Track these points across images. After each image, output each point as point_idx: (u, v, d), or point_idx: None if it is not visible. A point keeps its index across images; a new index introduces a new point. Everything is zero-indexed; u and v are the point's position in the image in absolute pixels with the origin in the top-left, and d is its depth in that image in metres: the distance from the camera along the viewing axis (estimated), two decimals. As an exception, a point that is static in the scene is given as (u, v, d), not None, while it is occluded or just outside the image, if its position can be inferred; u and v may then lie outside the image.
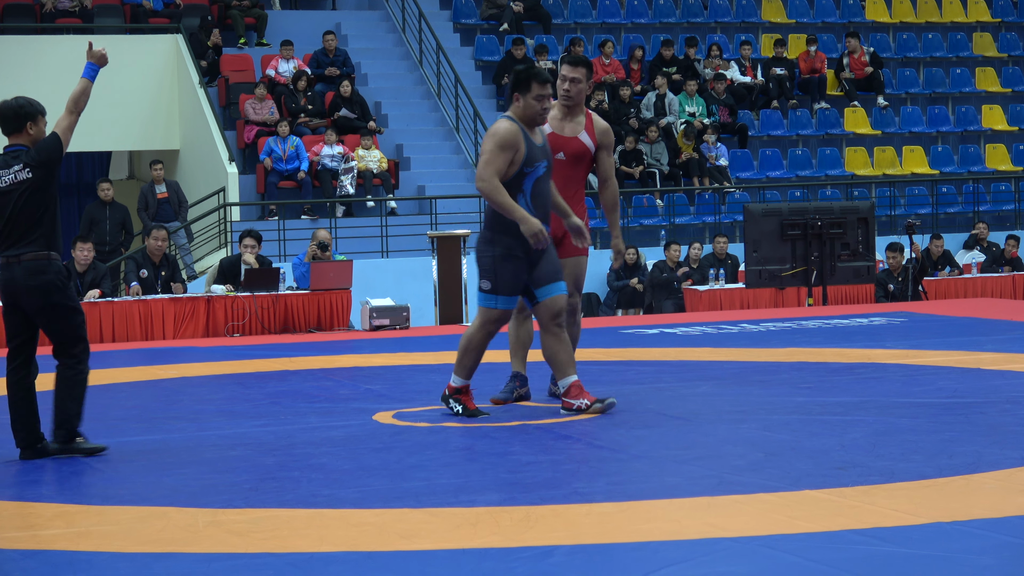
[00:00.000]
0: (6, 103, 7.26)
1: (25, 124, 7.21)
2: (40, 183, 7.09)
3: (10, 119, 7.22)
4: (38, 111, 7.25)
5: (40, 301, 7.09)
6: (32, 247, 7.08)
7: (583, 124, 8.31)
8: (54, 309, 7.10)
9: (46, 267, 7.09)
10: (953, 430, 6.99)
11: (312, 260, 15.77)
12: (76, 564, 4.83)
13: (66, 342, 7.15)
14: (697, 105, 22.88)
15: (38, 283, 7.07)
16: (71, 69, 21.06)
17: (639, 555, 4.68)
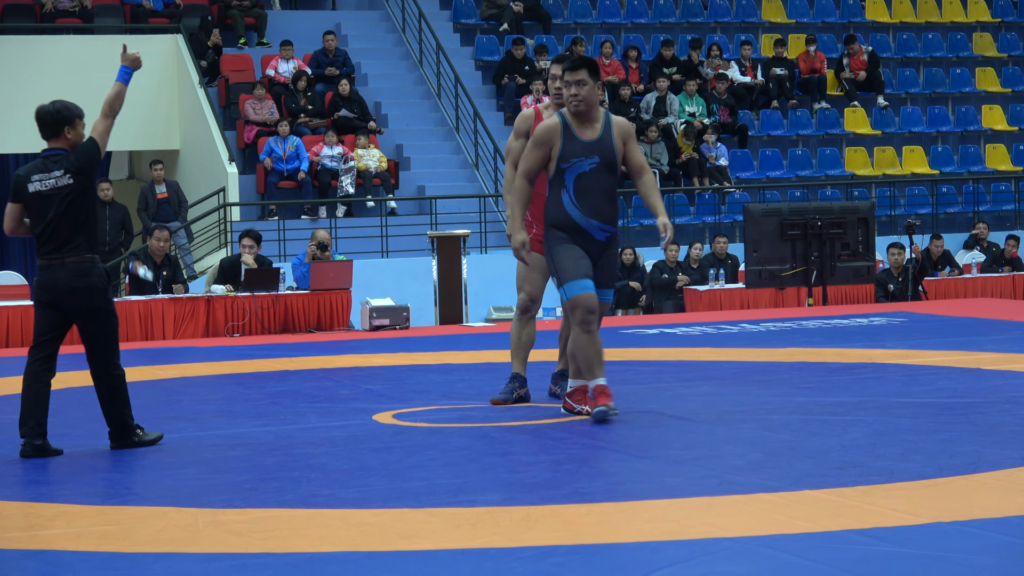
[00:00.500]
0: (44, 107, 7.38)
1: (63, 128, 7.33)
2: (81, 188, 7.23)
3: (48, 123, 7.34)
4: (76, 114, 7.38)
5: (84, 303, 7.23)
6: (76, 250, 7.21)
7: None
8: (97, 312, 7.25)
9: (90, 269, 7.22)
10: (953, 430, 6.99)
11: (312, 260, 15.77)
12: (76, 564, 4.83)
13: (101, 345, 7.31)
14: (697, 105, 22.88)
15: (84, 285, 7.20)
16: (71, 69, 21.20)
17: (639, 555, 4.68)
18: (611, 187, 7.65)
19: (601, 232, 7.64)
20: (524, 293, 8.44)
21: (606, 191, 7.63)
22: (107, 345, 7.31)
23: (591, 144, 7.62)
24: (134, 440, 7.29)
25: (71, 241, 7.20)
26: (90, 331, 7.30)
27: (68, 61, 21.35)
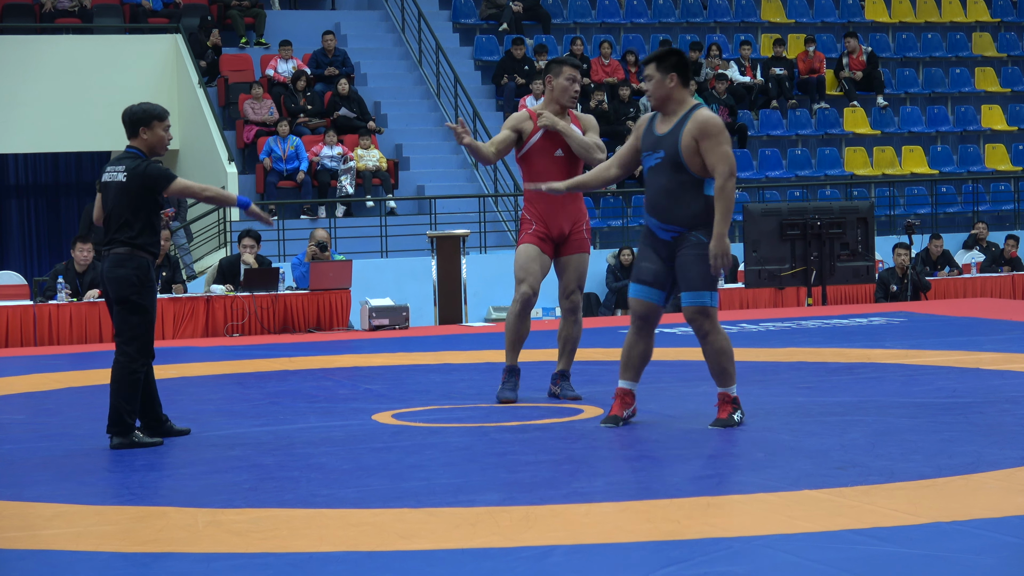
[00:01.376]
0: (128, 108, 7.71)
1: (138, 129, 7.62)
2: (130, 190, 7.45)
3: (127, 123, 7.68)
4: (153, 116, 7.64)
5: (113, 292, 7.42)
6: (121, 243, 7.44)
7: (570, 120, 8.56)
8: (123, 303, 7.41)
9: (126, 261, 7.42)
10: (953, 430, 6.99)
11: (312, 260, 15.77)
12: (75, 564, 4.83)
13: (121, 335, 7.43)
14: (696, 105, 22.86)
15: (116, 275, 7.42)
16: (71, 69, 21.19)
17: (639, 555, 4.68)
18: (675, 185, 7.20)
19: (663, 231, 7.30)
20: (526, 286, 8.48)
21: (668, 189, 7.23)
22: (126, 337, 7.42)
23: (661, 138, 7.27)
24: (131, 440, 7.31)
25: (119, 233, 7.46)
26: (115, 320, 7.48)
27: (68, 61, 21.36)
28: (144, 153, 7.58)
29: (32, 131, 21.41)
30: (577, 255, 8.55)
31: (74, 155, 24.02)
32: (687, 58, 7.48)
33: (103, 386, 10.18)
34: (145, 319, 7.44)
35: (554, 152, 8.45)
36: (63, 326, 14.58)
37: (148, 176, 7.48)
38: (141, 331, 7.43)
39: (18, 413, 9.06)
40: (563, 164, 8.46)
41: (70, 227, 23.43)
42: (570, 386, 8.65)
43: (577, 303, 8.62)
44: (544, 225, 8.50)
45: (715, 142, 7.17)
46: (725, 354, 7.34)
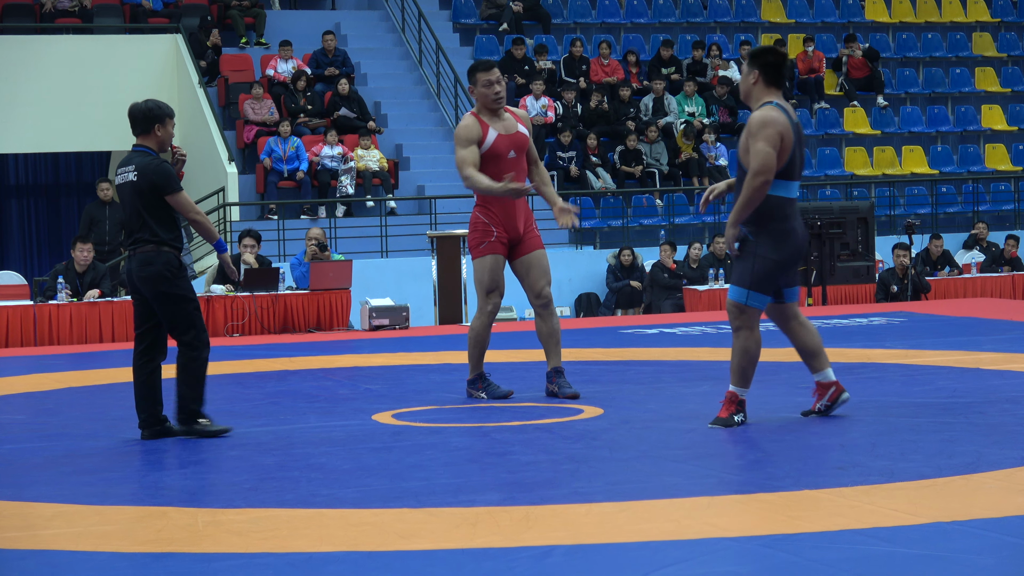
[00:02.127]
0: (136, 105, 7.66)
1: (153, 126, 7.60)
2: (142, 188, 7.46)
3: (139, 120, 7.62)
4: (167, 114, 7.62)
5: (151, 290, 7.49)
6: (145, 242, 7.48)
7: (512, 118, 8.61)
8: (164, 297, 7.47)
9: (154, 258, 7.47)
10: (953, 430, 6.99)
11: (312, 260, 15.77)
12: (75, 564, 4.83)
13: (176, 328, 7.53)
14: (696, 105, 22.88)
15: (147, 274, 7.46)
16: (71, 69, 21.19)
17: (639, 555, 4.68)
18: (740, 181, 7.24)
19: None
20: (498, 295, 8.64)
21: (739, 184, 7.27)
22: (179, 328, 7.52)
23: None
24: (195, 427, 7.50)
25: (140, 232, 7.49)
26: (163, 316, 7.56)
27: (68, 61, 21.36)
28: (154, 150, 7.56)
29: (32, 131, 21.41)
30: (538, 251, 8.69)
31: (74, 155, 24.02)
32: (782, 59, 7.37)
33: (103, 386, 10.20)
34: (190, 306, 7.52)
35: (508, 154, 8.53)
36: (63, 326, 14.59)
37: (159, 174, 7.47)
38: (192, 318, 7.52)
39: (18, 413, 9.06)
40: (518, 164, 8.57)
41: (70, 227, 23.42)
42: (567, 382, 8.66)
43: (549, 297, 8.71)
44: (504, 229, 8.55)
45: (755, 138, 7.17)
46: (747, 355, 7.35)
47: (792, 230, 7.31)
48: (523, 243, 8.62)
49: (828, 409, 7.53)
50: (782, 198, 7.27)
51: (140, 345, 7.63)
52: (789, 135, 7.23)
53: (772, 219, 7.25)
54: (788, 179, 7.29)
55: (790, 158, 7.27)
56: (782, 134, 7.18)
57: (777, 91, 7.32)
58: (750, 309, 7.31)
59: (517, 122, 8.58)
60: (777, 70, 7.30)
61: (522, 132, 8.56)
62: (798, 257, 7.40)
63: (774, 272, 7.28)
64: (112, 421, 8.31)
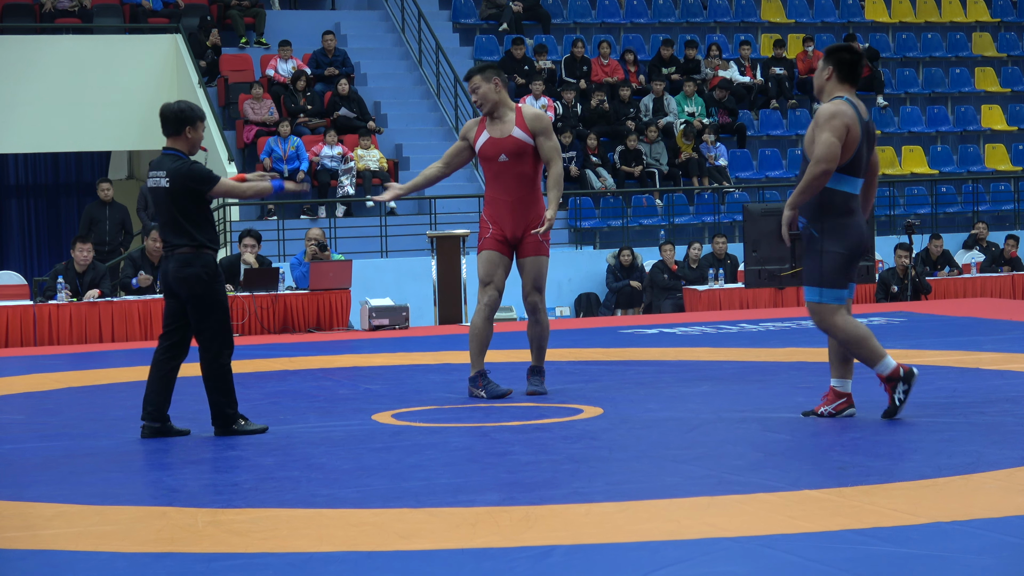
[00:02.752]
0: (168, 105, 7.62)
1: (184, 128, 7.58)
2: (175, 193, 7.48)
3: (170, 121, 7.57)
4: (198, 116, 7.61)
5: (186, 292, 7.52)
6: (184, 242, 7.52)
7: (513, 121, 8.62)
8: (198, 301, 7.52)
9: (193, 260, 7.52)
10: (953, 430, 6.99)
11: (312, 260, 15.77)
12: (75, 564, 4.83)
13: (203, 332, 7.56)
14: (696, 105, 22.88)
15: (184, 275, 7.51)
16: (71, 69, 21.19)
17: (639, 555, 4.68)
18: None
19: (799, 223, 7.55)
20: (493, 288, 8.70)
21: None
22: (209, 335, 7.56)
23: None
24: (234, 428, 7.55)
25: (178, 234, 7.52)
26: (193, 320, 7.58)
27: (68, 61, 21.35)
28: (184, 153, 7.56)
29: (32, 131, 21.41)
30: (532, 258, 8.71)
31: (74, 155, 24.02)
32: (858, 56, 7.46)
33: (103, 386, 10.20)
34: (221, 313, 7.57)
35: (498, 158, 8.57)
36: (63, 326, 14.59)
37: (192, 178, 7.50)
38: (221, 326, 7.56)
39: (18, 413, 9.06)
40: (510, 167, 8.56)
41: (70, 227, 23.43)
42: (538, 381, 8.84)
43: (535, 304, 8.78)
44: (499, 227, 8.63)
45: (820, 129, 7.26)
46: (851, 343, 7.48)
47: (855, 224, 7.41)
48: (522, 246, 8.71)
49: (830, 416, 7.54)
50: (846, 193, 7.37)
51: (165, 342, 7.67)
52: (856, 130, 7.30)
53: (835, 214, 7.38)
54: (853, 175, 7.37)
55: (856, 153, 7.33)
56: (848, 127, 7.26)
57: (850, 87, 7.41)
58: (829, 305, 7.48)
59: (516, 125, 8.59)
60: (852, 67, 7.39)
61: (514, 136, 8.58)
62: (861, 250, 7.51)
63: (843, 265, 7.44)
64: (112, 421, 8.31)
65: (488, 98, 8.64)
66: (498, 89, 8.66)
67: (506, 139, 8.54)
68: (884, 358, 7.49)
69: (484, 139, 8.63)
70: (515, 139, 8.56)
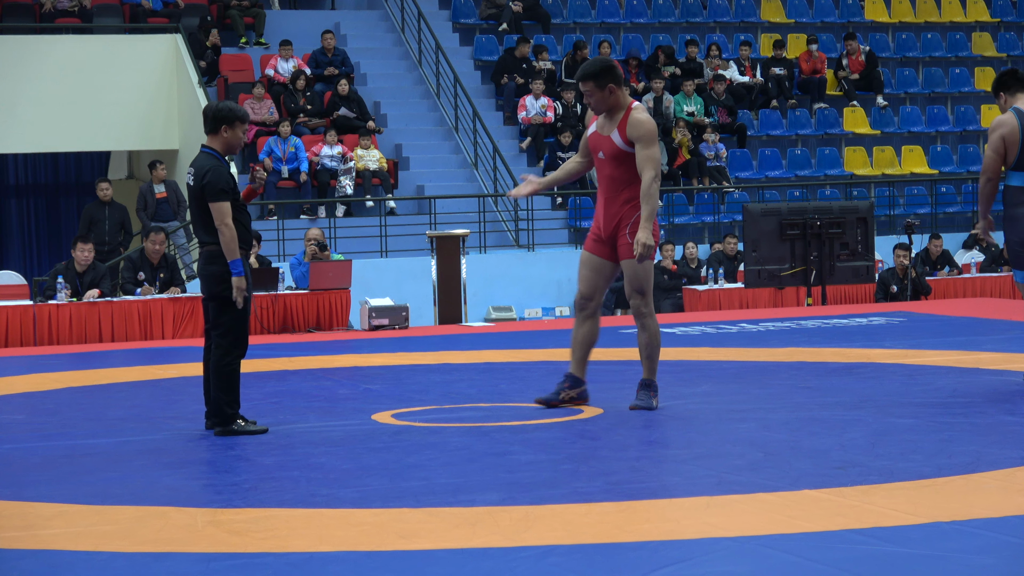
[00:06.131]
0: (210, 104, 7.76)
1: (220, 127, 7.64)
2: (197, 192, 7.56)
3: (208, 120, 7.68)
4: (237, 117, 7.66)
5: (207, 288, 7.61)
6: (210, 240, 7.58)
7: (618, 122, 8.19)
8: (218, 298, 7.58)
9: (217, 258, 7.57)
10: (953, 430, 6.99)
11: (312, 260, 15.77)
12: (75, 564, 4.83)
13: (218, 328, 7.62)
14: (696, 105, 22.88)
15: (208, 272, 7.60)
16: (71, 69, 21.19)
17: (638, 555, 4.68)
18: None
19: None
20: (578, 290, 8.38)
21: None
22: (223, 331, 7.61)
23: None
24: (233, 428, 7.58)
25: (205, 235, 7.60)
26: (210, 315, 7.66)
27: (67, 61, 21.35)
28: (219, 152, 7.64)
29: (32, 131, 21.41)
30: (626, 260, 8.32)
31: (74, 155, 24.01)
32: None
33: (103, 386, 10.20)
34: (239, 313, 7.61)
35: (598, 153, 8.32)
36: (63, 326, 14.58)
37: (208, 185, 7.54)
38: (236, 325, 7.61)
39: (18, 413, 9.06)
40: (604, 165, 8.26)
41: (70, 227, 23.42)
42: (645, 395, 8.11)
43: (635, 308, 8.23)
44: (597, 224, 8.41)
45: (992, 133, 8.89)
46: None
47: None
48: (617, 248, 8.31)
49: None
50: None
51: (207, 341, 7.77)
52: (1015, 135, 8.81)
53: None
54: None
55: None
56: (1004, 136, 8.84)
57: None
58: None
59: (618, 128, 8.16)
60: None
61: (612, 139, 8.14)
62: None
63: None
64: (112, 421, 8.31)
65: (601, 106, 8.22)
66: (612, 95, 8.16)
67: (606, 139, 8.26)
68: None
69: (592, 130, 8.34)
70: (612, 142, 8.16)
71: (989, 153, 8.74)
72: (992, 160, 8.75)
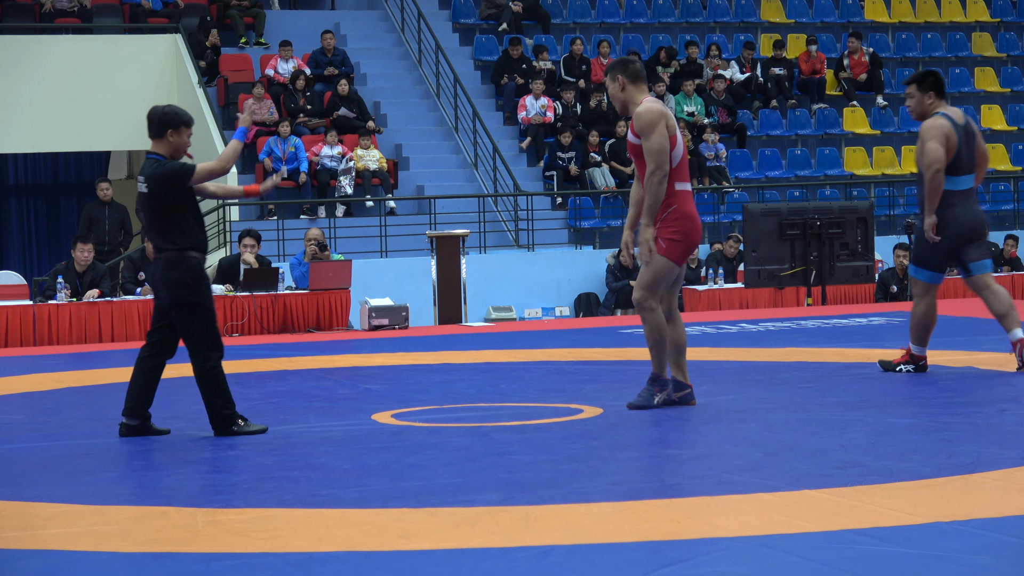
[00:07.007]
0: (155, 108, 7.64)
1: (166, 131, 7.57)
2: (153, 196, 7.49)
3: (154, 124, 7.59)
4: (183, 121, 7.60)
5: (169, 296, 7.53)
6: (169, 245, 7.51)
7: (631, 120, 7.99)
8: (182, 305, 7.52)
9: (176, 264, 7.51)
10: (952, 430, 6.99)
11: (312, 260, 15.77)
12: (75, 564, 4.83)
13: (190, 336, 7.57)
14: (696, 105, 22.88)
15: (168, 279, 7.51)
16: (70, 69, 21.20)
17: (639, 555, 4.68)
18: None
19: None
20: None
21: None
22: (196, 339, 7.56)
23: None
24: (233, 429, 7.54)
25: (162, 238, 7.52)
26: (178, 324, 7.59)
27: (67, 61, 21.36)
28: (166, 157, 7.54)
29: (32, 131, 21.42)
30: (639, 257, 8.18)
31: (74, 155, 24.02)
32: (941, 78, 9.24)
33: (103, 386, 10.21)
34: (206, 316, 7.56)
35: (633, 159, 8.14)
36: (63, 326, 14.59)
37: (166, 177, 7.48)
38: (206, 329, 7.56)
39: (18, 413, 9.06)
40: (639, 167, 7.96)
41: (70, 227, 23.43)
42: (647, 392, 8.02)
43: (636, 301, 7.96)
44: None
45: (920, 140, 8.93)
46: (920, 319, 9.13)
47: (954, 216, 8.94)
48: None
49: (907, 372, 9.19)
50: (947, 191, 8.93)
51: (151, 339, 7.71)
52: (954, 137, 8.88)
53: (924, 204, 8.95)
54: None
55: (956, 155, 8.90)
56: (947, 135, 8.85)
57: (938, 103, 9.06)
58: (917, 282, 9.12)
59: (630, 125, 7.96)
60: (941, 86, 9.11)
61: (629, 138, 7.95)
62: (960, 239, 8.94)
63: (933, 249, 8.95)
64: (112, 421, 8.30)
65: (615, 98, 8.02)
66: (622, 86, 7.95)
67: (627, 140, 8.13)
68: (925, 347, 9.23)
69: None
70: (630, 141, 7.97)
71: (935, 146, 8.78)
72: (940, 151, 8.77)
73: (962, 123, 8.96)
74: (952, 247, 8.95)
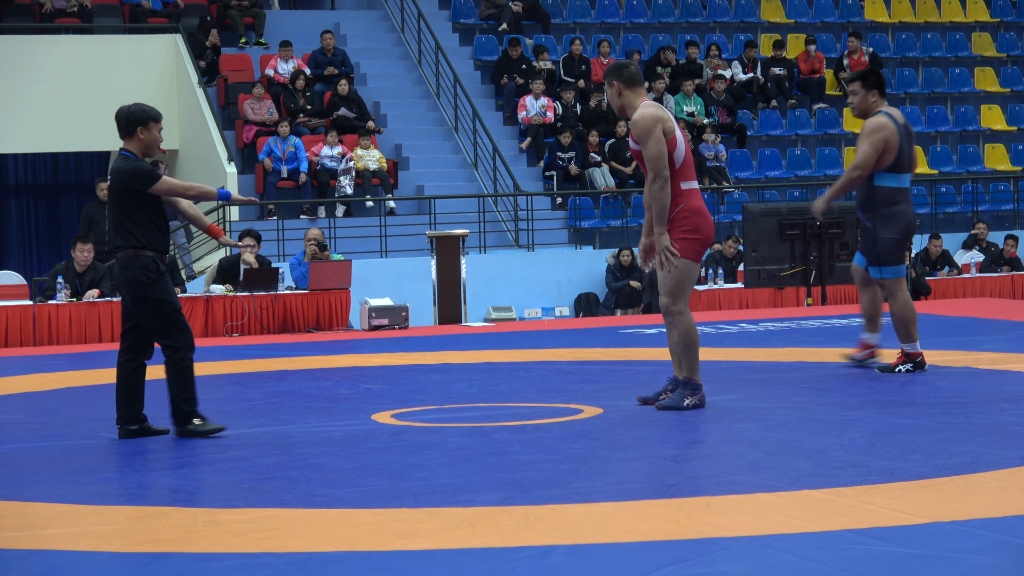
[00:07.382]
0: (122, 108, 7.66)
1: (135, 129, 7.61)
2: (115, 191, 7.55)
3: (122, 123, 7.62)
4: (151, 118, 7.63)
5: (128, 294, 7.58)
6: (125, 244, 7.57)
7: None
8: (141, 302, 7.56)
9: (131, 263, 7.56)
10: (952, 430, 6.99)
11: (311, 260, 15.77)
12: (75, 564, 4.83)
13: (156, 332, 7.58)
14: (696, 105, 22.88)
15: (124, 278, 7.57)
16: (70, 69, 21.19)
17: (638, 555, 4.68)
18: None
19: None
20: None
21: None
22: (162, 334, 7.57)
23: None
24: (188, 428, 7.54)
25: (119, 236, 7.58)
26: (142, 321, 7.62)
27: (67, 61, 21.35)
28: (137, 155, 7.57)
29: (32, 131, 21.41)
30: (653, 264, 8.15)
31: (74, 155, 24.00)
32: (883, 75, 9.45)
33: (103, 386, 10.19)
34: (167, 310, 7.56)
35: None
36: (63, 326, 14.58)
37: (130, 175, 7.51)
38: (171, 324, 7.56)
39: (18, 413, 9.06)
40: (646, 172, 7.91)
41: (70, 227, 23.42)
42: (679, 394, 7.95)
43: (663, 307, 7.95)
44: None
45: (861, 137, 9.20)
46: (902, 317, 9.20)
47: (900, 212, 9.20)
48: None
49: (857, 363, 9.56)
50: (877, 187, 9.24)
51: (125, 342, 7.70)
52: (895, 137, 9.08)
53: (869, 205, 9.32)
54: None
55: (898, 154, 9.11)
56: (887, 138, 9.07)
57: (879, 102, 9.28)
58: (888, 280, 9.21)
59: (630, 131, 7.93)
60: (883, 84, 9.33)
61: (630, 143, 7.92)
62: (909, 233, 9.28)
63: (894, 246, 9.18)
64: (112, 421, 8.29)
65: (613, 103, 7.96)
66: (618, 92, 7.87)
67: (630, 144, 8.05)
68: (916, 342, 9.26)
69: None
70: (632, 146, 7.93)
71: (868, 150, 9.10)
72: (871, 157, 9.10)
73: (902, 122, 9.19)
74: (903, 240, 9.25)
